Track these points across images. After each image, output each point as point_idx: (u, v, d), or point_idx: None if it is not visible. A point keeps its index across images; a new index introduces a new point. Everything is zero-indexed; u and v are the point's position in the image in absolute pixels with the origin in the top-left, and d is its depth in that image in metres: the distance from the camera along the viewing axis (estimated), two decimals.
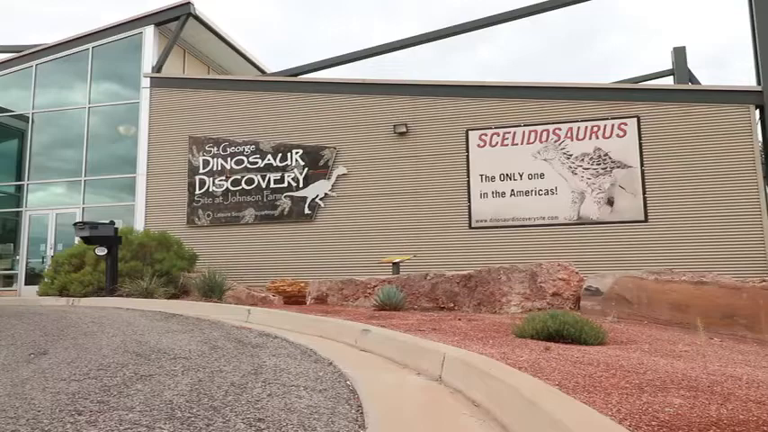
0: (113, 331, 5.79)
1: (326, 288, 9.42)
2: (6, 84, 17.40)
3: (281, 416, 2.79)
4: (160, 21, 15.66)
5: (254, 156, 14.02)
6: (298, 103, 14.07)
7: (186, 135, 14.67)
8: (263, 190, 13.83)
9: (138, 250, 11.68)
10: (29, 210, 16.28)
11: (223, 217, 14.00)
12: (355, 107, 13.59)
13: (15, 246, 16.32)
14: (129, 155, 15.36)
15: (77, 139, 16.12)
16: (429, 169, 12.81)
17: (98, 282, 11.02)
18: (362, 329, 5.35)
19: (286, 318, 6.88)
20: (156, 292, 10.11)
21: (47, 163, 16.76)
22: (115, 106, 16.13)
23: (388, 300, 7.80)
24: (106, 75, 16.54)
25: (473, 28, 14.68)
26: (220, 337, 5.52)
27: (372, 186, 13.11)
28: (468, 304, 8.06)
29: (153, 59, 15.44)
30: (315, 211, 13.40)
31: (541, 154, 12.09)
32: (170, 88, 15.27)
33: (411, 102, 13.21)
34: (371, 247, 12.63)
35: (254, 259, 13.43)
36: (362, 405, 3.08)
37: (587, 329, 4.74)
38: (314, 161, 13.57)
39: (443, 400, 3.32)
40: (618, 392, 2.85)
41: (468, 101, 12.84)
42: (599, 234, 11.55)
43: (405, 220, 12.74)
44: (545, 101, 12.34)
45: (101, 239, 10.81)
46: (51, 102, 16.86)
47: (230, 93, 14.77)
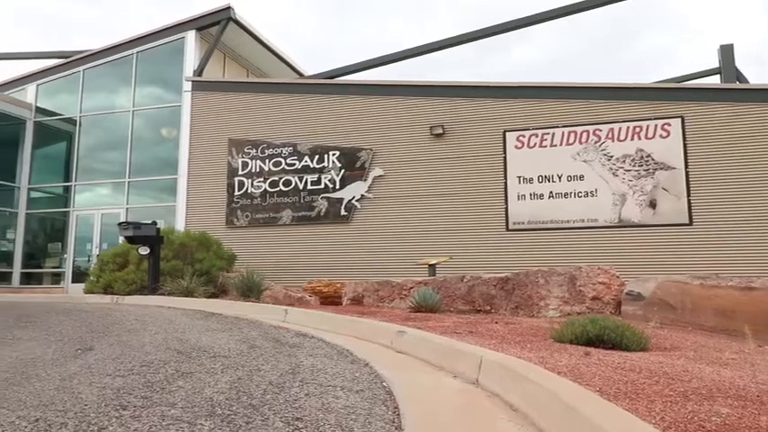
0: (156, 329, 5.93)
1: (362, 289, 9.45)
2: (56, 88, 18.06)
3: (318, 415, 2.81)
4: (201, 26, 16.01)
5: (292, 157, 14.18)
6: (334, 105, 14.18)
7: (226, 137, 14.94)
8: (300, 191, 13.98)
9: (179, 250, 11.93)
10: (76, 210, 16.85)
11: (261, 218, 14.21)
12: (392, 109, 13.61)
13: (63, 245, 16.91)
14: (170, 157, 15.75)
15: (122, 141, 16.61)
16: (466, 171, 12.73)
17: (141, 280, 11.31)
18: (398, 331, 5.34)
19: (322, 318, 6.92)
20: (196, 291, 10.31)
21: (93, 165, 17.33)
22: (158, 109, 16.56)
23: (424, 302, 7.77)
24: (150, 79, 17.00)
25: (510, 28, 14.56)
26: (258, 336, 5.59)
27: (409, 188, 13.10)
28: (506, 307, 7.97)
29: (194, 63, 15.79)
30: (351, 212, 13.47)
31: (581, 155, 11.87)
32: (210, 91, 15.59)
33: (448, 103, 13.15)
34: (407, 249, 12.62)
35: (291, 260, 13.57)
36: (399, 407, 3.08)
37: (629, 335, 4.62)
38: (350, 163, 13.65)
39: (480, 404, 3.28)
40: (662, 400, 2.77)
41: (505, 102, 12.71)
42: (641, 237, 11.28)
43: (441, 222, 12.69)
44: (585, 101, 12.12)
45: (143, 239, 11.10)
46: (98, 105, 17.42)
47: (268, 95, 14.98)
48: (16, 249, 17.11)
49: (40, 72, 18.13)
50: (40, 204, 17.80)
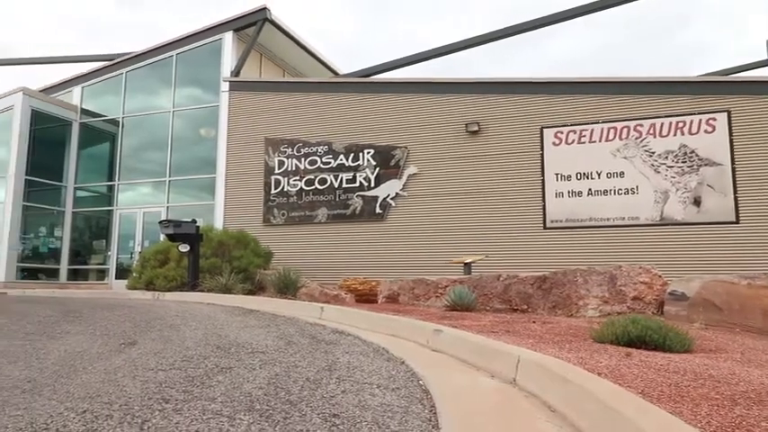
0: (196, 324, 6.06)
1: (398, 287, 9.46)
2: (100, 90, 18.62)
3: (355, 412, 2.82)
4: (238, 27, 16.26)
5: (327, 156, 14.28)
6: (369, 104, 14.21)
7: (262, 136, 15.15)
8: (335, 189, 14.07)
9: (218, 248, 12.15)
10: (119, 208, 17.35)
11: (297, 216, 14.36)
12: (426, 106, 13.56)
13: (107, 242, 17.43)
14: (209, 156, 16.05)
15: (162, 141, 17.02)
16: (502, 168, 12.60)
17: (181, 277, 11.56)
18: (434, 329, 5.32)
19: (358, 316, 6.95)
20: (234, 288, 10.47)
21: (135, 164, 17.81)
22: (197, 110, 16.90)
23: (460, 300, 7.73)
24: (189, 80, 17.36)
25: (545, 23, 14.35)
26: (295, 333, 5.65)
27: (444, 186, 13.04)
28: (543, 307, 7.85)
29: (231, 64, 16.05)
30: (386, 210, 13.49)
31: (621, 152, 11.60)
32: (247, 91, 15.82)
33: (483, 100, 13.03)
34: (442, 247, 12.56)
35: (327, 257, 13.68)
36: (436, 405, 3.07)
37: (672, 336, 4.50)
38: (385, 161, 13.66)
39: (518, 404, 3.24)
40: (707, 403, 2.69)
41: (542, 97, 12.53)
42: (684, 236, 10.96)
43: (476, 220, 12.59)
44: (625, 96, 11.84)
45: (183, 237, 11.34)
46: (139, 106, 17.89)
47: (304, 94, 15.12)
48: (63, 246, 17.71)
49: (85, 75, 18.72)
50: (85, 203, 18.39)
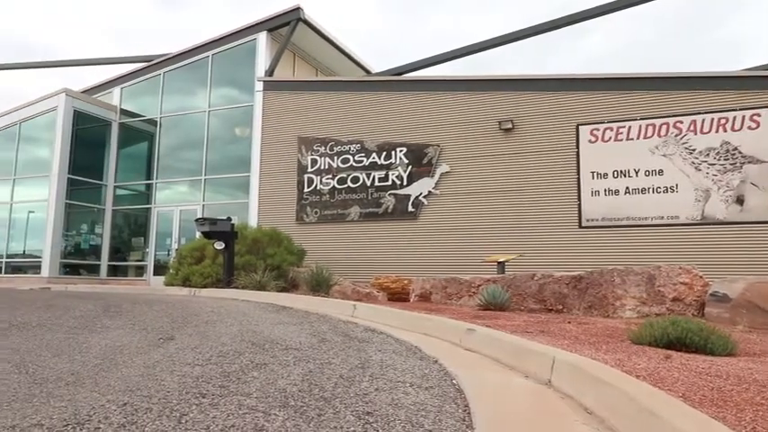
0: (231, 321, 6.15)
1: (430, 286, 9.43)
2: (139, 91, 19.06)
3: (388, 411, 2.82)
4: (272, 27, 16.44)
5: (360, 154, 14.33)
6: (401, 102, 14.20)
7: (295, 135, 15.28)
8: (367, 188, 14.10)
9: (252, 245, 12.30)
10: (157, 206, 17.75)
11: (330, 214, 14.44)
12: (459, 104, 13.48)
13: (145, 239, 17.86)
14: (243, 155, 16.28)
15: (198, 140, 17.33)
16: (536, 166, 12.44)
17: (216, 274, 11.75)
18: (467, 329, 5.29)
19: (390, 314, 6.95)
20: (267, 285, 10.59)
21: (172, 163, 18.19)
22: (232, 109, 17.16)
23: (493, 299, 7.66)
24: (224, 80, 17.63)
25: (582, 19, 14.09)
26: (328, 330, 5.69)
27: (477, 184, 12.94)
28: (578, 307, 7.72)
29: (265, 64, 16.23)
30: (418, 208, 13.46)
31: (660, 149, 11.32)
32: (281, 91, 15.99)
33: (517, 97, 12.89)
34: (475, 246, 12.47)
35: (359, 255, 13.72)
36: (469, 405, 3.04)
37: (714, 338, 4.37)
38: (417, 159, 13.63)
39: (554, 405, 3.20)
40: (752, 409, 2.60)
41: (578, 94, 12.32)
42: (726, 235, 10.64)
43: (510, 219, 12.46)
44: (664, 92, 11.55)
45: (219, 234, 11.52)
46: (176, 106, 18.26)
47: (336, 93, 15.19)
48: (104, 243, 18.21)
49: (124, 76, 19.20)
50: (124, 201, 18.86)
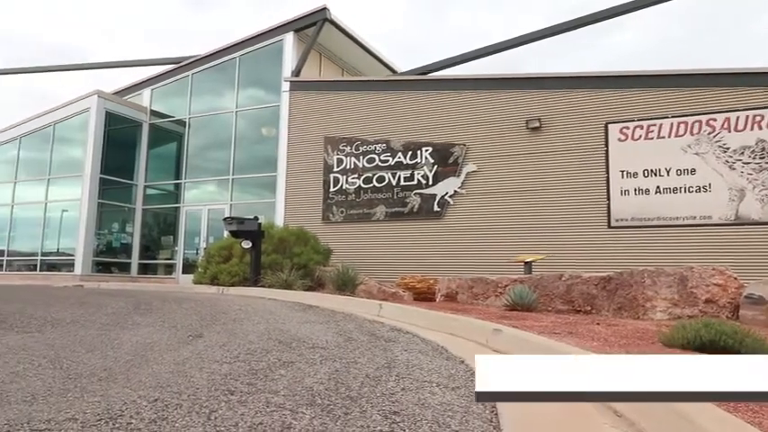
0: (258, 319, 6.21)
1: (456, 286, 9.38)
2: (168, 92, 19.38)
3: (414, 411, 2.82)
4: (299, 27, 16.54)
5: (385, 154, 14.33)
6: (427, 101, 14.16)
7: (322, 135, 15.35)
8: (393, 187, 14.10)
9: (279, 244, 12.41)
10: (185, 206, 18.02)
11: (355, 214, 14.48)
12: (485, 103, 13.38)
13: (174, 238, 18.15)
14: (270, 155, 16.42)
15: (226, 141, 17.54)
16: (564, 165, 12.28)
17: (243, 272, 11.88)
18: (494, 329, 5.25)
19: (416, 314, 6.94)
20: (294, 284, 10.67)
21: (200, 163, 18.45)
22: (259, 110, 17.33)
23: (520, 300, 7.58)
24: (251, 80, 17.81)
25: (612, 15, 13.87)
26: (354, 329, 5.70)
27: (503, 183, 12.84)
28: (607, 308, 7.60)
29: (292, 64, 16.34)
30: (444, 208, 13.40)
31: (692, 147, 11.07)
32: (307, 91, 16.08)
33: (544, 95, 12.74)
34: (502, 246, 12.37)
35: (385, 255, 13.72)
36: (497, 406, 3.02)
37: (749, 341, 4.25)
38: (443, 158, 13.58)
39: (582, 408, 3.15)
40: None
41: (607, 92, 12.12)
42: (761, 236, 10.35)
43: (537, 219, 12.33)
44: (696, 89, 11.29)
45: (246, 234, 11.66)
46: (204, 107, 18.51)
47: (362, 93, 15.22)
48: (134, 242, 18.56)
49: (154, 77, 19.52)
50: (154, 200, 19.20)
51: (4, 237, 19.12)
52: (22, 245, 19.04)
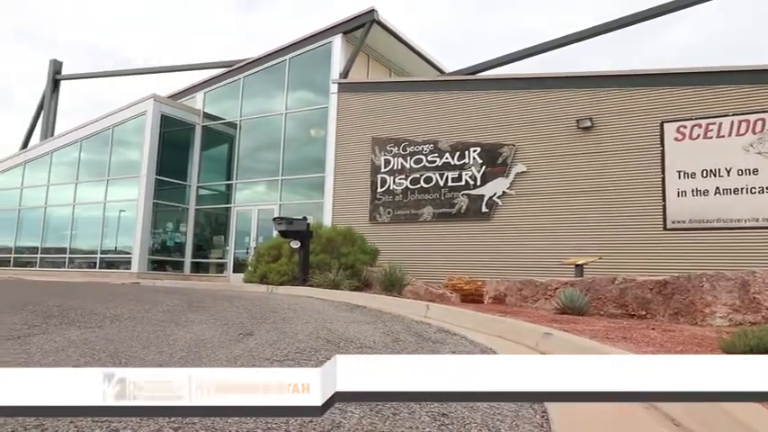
0: (306, 318, 6.29)
1: (504, 288, 9.26)
2: (220, 95, 19.88)
3: (464, 413, 2.79)
4: (347, 29, 16.68)
5: (433, 155, 14.28)
6: (475, 101, 14.03)
7: (369, 136, 15.43)
8: (440, 188, 14.03)
9: (326, 244, 12.54)
10: (236, 206, 18.44)
11: (402, 214, 14.48)
12: (535, 102, 13.16)
13: (225, 237, 18.59)
14: (318, 156, 16.62)
15: (276, 142, 17.86)
16: (617, 166, 11.94)
17: (292, 272, 12.05)
18: (544, 333, 5.15)
19: (464, 315, 6.89)
20: (341, 284, 10.75)
21: (251, 164, 18.85)
22: (307, 111, 17.56)
23: (571, 303, 7.42)
24: (300, 83, 18.07)
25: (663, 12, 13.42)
26: (401, 330, 5.70)
27: (553, 184, 12.58)
28: (663, 313, 7.35)
29: (340, 66, 16.49)
30: (492, 209, 13.25)
31: (755, 147, 10.57)
32: (354, 92, 16.19)
33: (596, 94, 12.43)
34: (551, 248, 12.13)
35: (432, 256, 13.67)
36: (548, 411, 2.96)
37: None
38: (491, 159, 13.42)
39: (637, 415, 3.05)
40: None
41: (662, 90, 11.72)
42: None
43: (589, 220, 12.03)
44: (759, 85, 10.79)
45: (295, 233, 11.84)
46: (255, 109, 18.90)
47: (410, 94, 15.21)
48: (187, 241, 19.12)
49: (207, 81, 20.06)
50: (206, 201, 19.73)
51: (66, 235, 20.03)
52: (82, 243, 19.89)
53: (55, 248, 20.26)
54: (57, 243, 20.30)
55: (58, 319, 5.52)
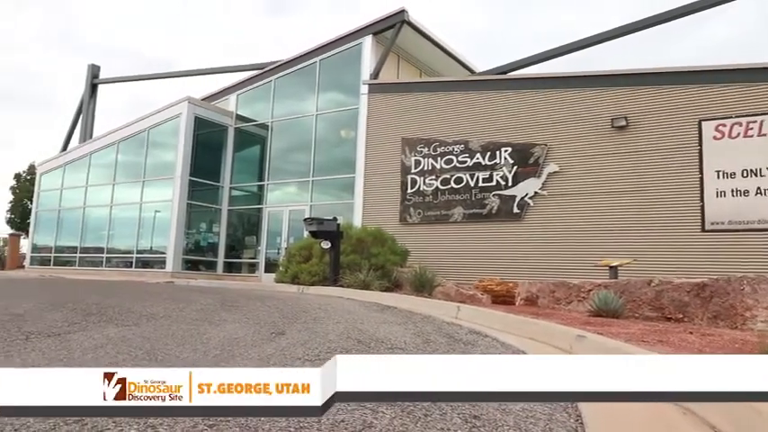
0: (337, 318, 6.32)
1: (536, 289, 9.15)
2: (252, 97, 20.14)
3: (496, 416, 2.77)
4: (377, 30, 16.71)
5: (463, 155, 14.19)
6: (506, 101, 13.90)
7: (399, 136, 15.42)
8: (471, 189, 13.94)
9: (357, 245, 12.56)
10: (268, 207, 18.65)
11: (433, 215, 14.44)
12: (567, 102, 12.97)
13: (257, 238, 18.82)
14: (348, 157, 16.69)
15: (306, 143, 18.00)
16: (652, 165, 11.68)
17: (323, 272, 12.11)
18: (577, 335, 5.07)
19: (495, 317, 6.83)
20: (372, 285, 10.76)
21: (282, 165, 19.04)
22: (338, 112, 17.66)
23: (605, 306, 7.29)
24: (330, 84, 18.18)
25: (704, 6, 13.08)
26: (432, 331, 5.68)
27: (587, 184, 12.38)
28: (701, 317, 7.16)
29: (370, 67, 16.53)
30: (524, 210, 13.10)
31: None
32: (385, 93, 16.20)
33: (631, 93, 12.18)
34: (584, 249, 11.93)
35: (462, 257, 13.59)
36: (581, 415, 2.92)
37: None
38: (523, 159, 13.28)
39: (673, 421, 2.98)
40: None
41: (700, 88, 11.42)
42: None
43: (623, 221, 11.80)
44: None
45: (325, 234, 11.90)
46: (286, 111, 19.08)
47: (440, 94, 15.15)
48: (220, 241, 19.41)
49: (240, 83, 20.35)
50: (238, 201, 20.00)
51: (104, 235, 20.55)
52: (119, 243, 20.37)
53: (93, 248, 20.81)
54: (95, 243, 20.84)
55: (96, 316, 5.67)
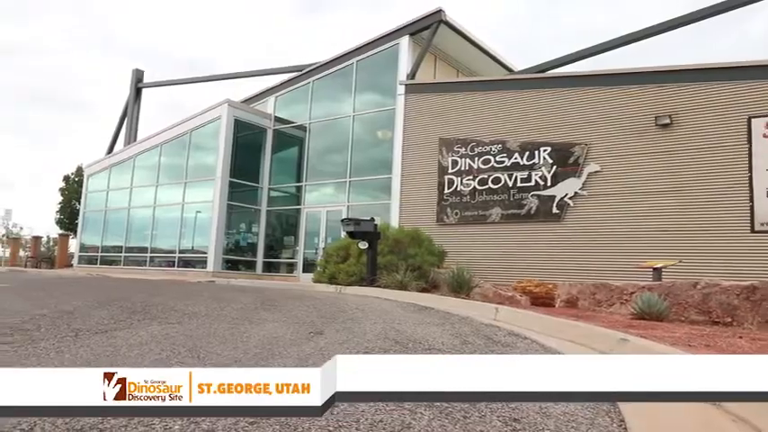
0: (375, 318, 6.34)
1: (577, 291, 8.99)
2: (290, 99, 20.39)
3: (536, 419, 2.73)
4: (414, 31, 16.69)
5: (501, 155, 14.05)
6: (545, 100, 13.69)
7: (436, 137, 15.37)
8: (509, 189, 13.78)
9: (394, 245, 12.57)
10: (306, 207, 18.85)
11: (470, 215, 14.33)
12: (608, 100, 12.69)
13: (295, 238, 19.04)
14: (385, 157, 16.72)
15: (343, 144, 18.12)
16: (698, 164, 11.33)
17: (360, 272, 12.17)
18: (620, 338, 4.95)
19: (534, 319, 6.73)
20: (409, 285, 10.76)
21: (319, 166, 19.22)
22: (375, 113, 17.71)
23: (649, 308, 7.10)
24: (367, 85, 18.25)
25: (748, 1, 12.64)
26: (470, 332, 5.64)
27: (629, 184, 12.09)
28: (752, 321, 6.90)
29: (407, 67, 16.52)
30: (563, 210, 12.88)
31: None
32: (421, 93, 16.17)
33: (675, 89, 11.84)
34: (627, 250, 11.65)
35: (500, 258, 13.45)
36: (625, 420, 2.85)
37: None
38: (562, 159, 13.05)
39: (723, 427, 2.88)
40: None
41: (749, 84, 11.03)
42: None
43: (667, 222, 11.47)
44: None
45: (363, 234, 11.95)
46: (323, 112, 19.26)
47: (478, 93, 15.04)
48: (259, 241, 19.71)
49: (278, 85, 20.63)
50: (277, 202, 20.28)
51: (148, 235, 21.12)
52: (162, 243, 20.90)
53: (137, 248, 21.42)
54: (139, 243, 21.44)
55: (141, 314, 5.83)
